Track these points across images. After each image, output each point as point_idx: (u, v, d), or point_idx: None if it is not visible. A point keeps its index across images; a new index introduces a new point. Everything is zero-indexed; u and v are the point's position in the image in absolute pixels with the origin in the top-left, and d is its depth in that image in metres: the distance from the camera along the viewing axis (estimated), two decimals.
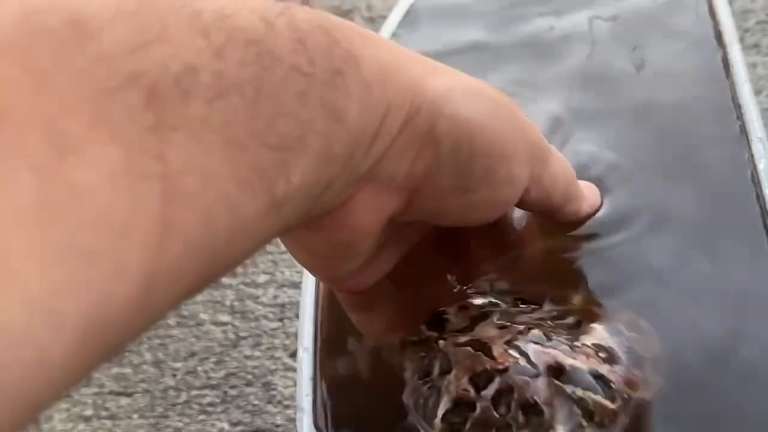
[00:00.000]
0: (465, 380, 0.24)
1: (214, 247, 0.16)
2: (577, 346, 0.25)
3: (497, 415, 0.23)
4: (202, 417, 0.50)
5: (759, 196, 0.28)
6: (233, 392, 0.51)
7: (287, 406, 0.49)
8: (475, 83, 0.23)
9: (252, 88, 0.16)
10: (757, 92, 0.49)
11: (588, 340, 0.26)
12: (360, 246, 0.23)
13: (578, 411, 0.24)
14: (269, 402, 0.50)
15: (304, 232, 0.22)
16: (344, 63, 0.18)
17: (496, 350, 0.24)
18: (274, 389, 0.50)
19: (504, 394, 0.23)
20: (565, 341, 0.25)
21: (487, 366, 0.24)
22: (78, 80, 0.13)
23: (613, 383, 0.24)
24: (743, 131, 0.31)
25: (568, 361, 0.24)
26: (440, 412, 0.24)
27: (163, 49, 0.14)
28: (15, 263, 0.12)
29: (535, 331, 0.25)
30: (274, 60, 0.16)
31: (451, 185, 0.22)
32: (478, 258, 0.28)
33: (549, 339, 0.25)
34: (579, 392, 0.24)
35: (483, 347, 0.24)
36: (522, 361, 0.24)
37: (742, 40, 0.52)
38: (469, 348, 0.24)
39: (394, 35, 0.40)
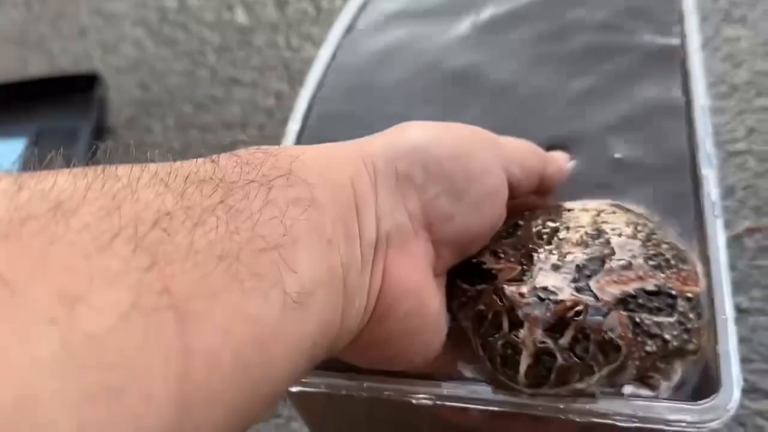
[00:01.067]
0: (540, 333, 0.24)
1: (243, 359, 0.17)
2: (626, 264, 0.26)
3: (578, 360, 0.24)
4: None
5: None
6: None
7: None
8: (400, 125, 0.26)
9: (222, 209, 0.18)
10: (737, 65, 0.54)
11: (627, 251, 0.26)
12: (431, 310, 0.25)
13: (654, 331, 0.25)
14: None
15: (379, 333, 0.24)
16: (290, 165, 0.21)
17: (565, 296, 0.24)
18: None
19: (580, 338, 0.24)
20: (614, 260, 0.26)
21: (559, 315, 0.24)
22: (70, 248, 0.14)
23: (674, 291, 0.26)
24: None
25: (630, 287, 0.25)
26: (522, 368, 0.24)
27: (134, 206, 0.16)
28: (46, 410, 0.12)
29: (585, 260, 0.26)
30: (231, 183, 0.19)
31: (449, 200, 0.25)
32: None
33: (602, 264, 0.26)
34: (645, 315, 0.25)
35: (549, 294, 0.24)
36: (591, 302, 0.24)
37: (729, 12, 0.57)
38: (535, 298, 0.24)
39: None
